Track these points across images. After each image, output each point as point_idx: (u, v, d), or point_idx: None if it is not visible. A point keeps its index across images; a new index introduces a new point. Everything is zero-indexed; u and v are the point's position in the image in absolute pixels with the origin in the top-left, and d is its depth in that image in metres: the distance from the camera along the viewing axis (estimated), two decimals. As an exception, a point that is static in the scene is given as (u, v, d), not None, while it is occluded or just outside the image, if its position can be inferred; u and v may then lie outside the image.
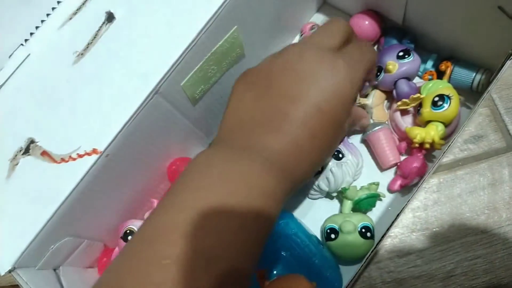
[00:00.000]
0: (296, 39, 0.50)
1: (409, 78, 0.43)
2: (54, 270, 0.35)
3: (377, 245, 0.35)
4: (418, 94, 0.40)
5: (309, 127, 0.29)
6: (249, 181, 0.26)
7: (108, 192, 0.35)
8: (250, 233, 0.25)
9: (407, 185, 0.41)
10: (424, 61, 0.45)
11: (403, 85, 0.42)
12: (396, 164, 0.43)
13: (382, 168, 0.44)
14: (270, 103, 0.30)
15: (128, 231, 0.39)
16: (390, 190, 0.43)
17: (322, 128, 0.30)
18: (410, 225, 0.43)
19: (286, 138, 0.29)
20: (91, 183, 0.32)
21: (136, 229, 0.39)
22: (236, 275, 0.23)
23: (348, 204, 0.41)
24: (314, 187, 0.42)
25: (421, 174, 0.41)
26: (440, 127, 0.39)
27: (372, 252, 0.36)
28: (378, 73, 0.43)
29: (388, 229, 0.35)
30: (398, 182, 0.42)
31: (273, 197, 0.27)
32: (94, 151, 0.32)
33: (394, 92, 0.43)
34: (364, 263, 0.35)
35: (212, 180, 0.26)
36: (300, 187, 0.32)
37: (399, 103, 0.41)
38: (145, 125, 0.34)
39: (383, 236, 0.35)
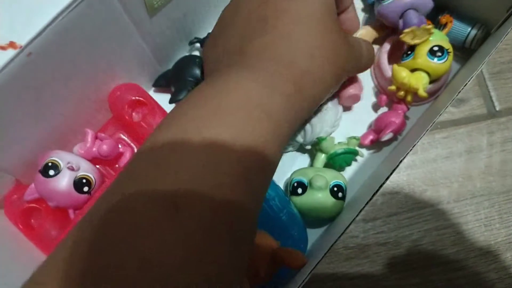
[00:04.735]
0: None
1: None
2: None
3: (357, 215, 0.30)
4: (431, 26, 0.35)
5: (309, 26, 0.26)
6: (250, 104, 0.22)
7: (27, 107, 0.27)
8: (251, 169, 0.21)
9: (379, 140, 0.37)
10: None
11: (411, 16, 0.35)
12: (356, 96, 0.38)
13: (339, 101, 0.38)
14: (266, 6, 0.27)
15: (50, 164, 0.30)
16: (360, 144, 0.38)
17: (326, 27, 0.27)
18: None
19: (290, 37, 0.26)
20: (3, 88, 0.24)
21: (61, 162, 0.31)
22: (241, 214, 0.21)
23: (322, 158, 0.36)
24: None
25: (398, 131, 0.37)
26: (426, 79, 0.35)
27: (350, 224, 0.31)
28: None
29: (371, 198, 0.30)
30: (370, 137, 0.38)
31: (278, 123, 0.23)
32: (12, 44, 0.23)
33: (401, 22, 0.36)
34: (340, 236, 0.30)
35: (211, 110, 0.22)
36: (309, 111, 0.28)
37: (406, 30, 0.35)
38: (84, 24, 0.26)
39: (365, 205, 0.30)
